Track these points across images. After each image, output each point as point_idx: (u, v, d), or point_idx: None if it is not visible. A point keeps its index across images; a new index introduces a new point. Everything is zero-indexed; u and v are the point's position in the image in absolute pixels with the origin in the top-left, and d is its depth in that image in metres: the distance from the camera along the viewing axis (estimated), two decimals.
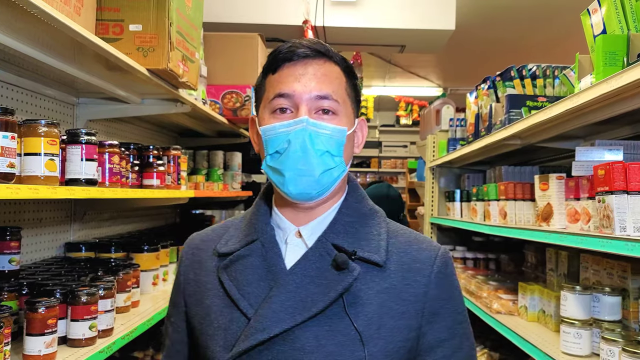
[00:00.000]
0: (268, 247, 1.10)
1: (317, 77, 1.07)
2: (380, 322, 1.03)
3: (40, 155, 1.46)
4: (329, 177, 1.07)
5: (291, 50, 1.08)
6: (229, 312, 1.07)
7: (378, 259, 1.06)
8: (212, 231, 1.22)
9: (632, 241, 1.36)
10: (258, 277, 1.07)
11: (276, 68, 1.09)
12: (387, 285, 1.06)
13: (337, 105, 1.08)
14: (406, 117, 10.38)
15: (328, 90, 1.07)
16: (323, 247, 1.08)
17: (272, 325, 1.01)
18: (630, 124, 2.10)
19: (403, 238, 1.13)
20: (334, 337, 1.01)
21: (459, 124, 3.78)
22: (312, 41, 1.11)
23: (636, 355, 1.49)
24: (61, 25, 1.48)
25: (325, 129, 1.06)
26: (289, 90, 1.06)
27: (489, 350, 3.14)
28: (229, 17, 4.16)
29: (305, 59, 1.08)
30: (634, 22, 1.56)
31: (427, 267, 1.08)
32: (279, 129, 1.06)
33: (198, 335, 1.12)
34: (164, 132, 3.72)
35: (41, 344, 1.52)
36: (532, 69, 2.57)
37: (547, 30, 5.58)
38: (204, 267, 1.15)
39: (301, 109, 1.05)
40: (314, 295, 1.03)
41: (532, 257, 2.88)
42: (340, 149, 1.08)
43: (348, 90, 1.12)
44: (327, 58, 1.10)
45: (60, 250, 2.52)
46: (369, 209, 1.16)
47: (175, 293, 1.20)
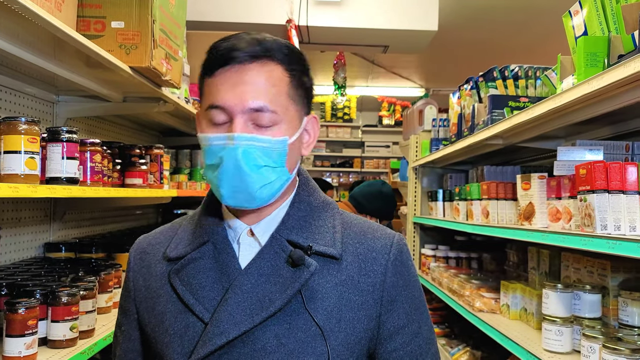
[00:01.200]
0: (220, 247, 1.06)
1: (252, 86, 0.99)
2: (340, 315, 1.02)
3: (20, 154, 1.44)
4: (269, 189, 1.02)
5: (226, 53, 0.99)
6: (183, 318, 1.03)
7: (334, 252, 1.05)
8: (160, 233, 1.17)
9: (613, 239, 1.38)
10: (212, 279, 1.04)
11: (211, 72, 1.01)
12: (344, 278, 1.05)
13: (276, 116, 1.00)
14: (389, 118, 10.42)
15: (264, 101, 0.99)
16: (277, 243, 1.05)
17: (230, 329, 0.98)
18: (610, 124, 2.14)
19: (357, 228, 1.11)
20: (295, 335, 1.00)
21: (441, 124, 3.81)
22: (252, 38, 1.02)
23: (616, 352, 1.51)
24: (42, 21, 1.45)
25: (261, 142, 0.99)
26: (222, 102, 0.99)
27: (471, 349, 3.17)
28: (212, 15, 4.13)
29: (242, 63, 0.99)
30: (615, 24, 1.58)
31: (383, 256, 1.08)
32: (212, 141, 1.00)
33: (152, 343, 1.08)
34: (147, 130, 3.69)
35: (21, 345, 1.49)
36: (514, 70, 2.59)
37: (528, 32, 5.65)
38: (153, 273, 1.10)
39: (235, 122, 0.98)
40: (271, 294, 1.00)
41: (514, 256, 2.91)
42: (282, 159, 1.02)
43: (291, 92, 1.03)
44: (266, 59, 1.01)
45: (40, 251, 2.48)
46: (322, 202, 1.13)
47: (125, 300, 1.15)
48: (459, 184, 3.78)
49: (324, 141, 10.65)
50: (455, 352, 3.21)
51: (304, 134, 1.09)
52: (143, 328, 1.11)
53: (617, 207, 1.46)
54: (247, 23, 4.12)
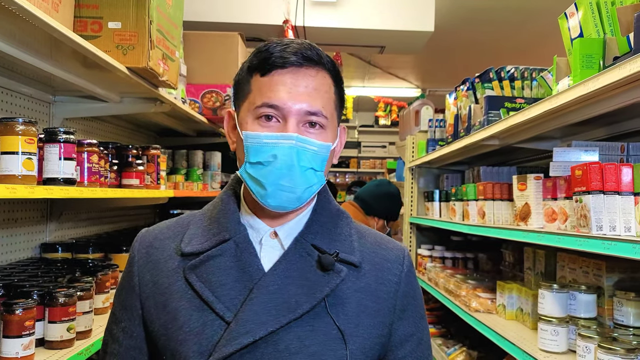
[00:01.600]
0: (242, 247, 1.06)
1: (308, 90, 1.03)
2: (359, 321, 1.05)
3: (18, 154, 1.44)
4: (310, 192, 1.05)
5: (283, 56, 1.02)
6: (200, 316, 1.02)
7: (354, 259, 1.08)
8: (166, 228, 1.14)
9: (608, 240, 1.39)
10: (233, 278, 1.04)
11: (265, 71, 1.03)
12: (362, 285, 1.08)
13: (325, 121, 1.05)
14: (385, 118, 10.43)
15: (318, 107, 1.03)
16: (303, 247, 1.07)
17: (256, 328, 0.99)
18: (605, 125, 2.15)
19: (371, 238, 1.16)
20: (317, 337, 1.01)
21: (438, 125, 3.82)
22: (303, 45, 1.05)
23: (611, 351, 1.52)
24: (39, 22, 1.45)
25: (312, 146, 1.03)
26: (278, 101, 1.01)
27: (468, 349, 3.18)
28: (208, 15, 4.13)
29: (298, 67, 1.03)
30: (610, 26, 1.59)
31: (398, 267, 1.13)
32: (264, 139, 1.01)
33: (163, 342, 1.05)
34: (143, 131, 3.68)
35: (18, 346, 1.49)
36: (511, 71, 2.61)
37: (524, 33, 5.67)
38: (163, 268, 1.08)
39: (289, 122, 1.01)
40: (298, 296, 1.02)
41: (510, 256, 2.92)
42: (324, 164, 1.06)
43: (336, 102, 1.09)
44: (319, 66, 1.05)
45: (36, 251, 2.48)
46: (337, 210, 1.17)
47: (128, 295, 1.10)
48: (455, 184, 3.79)
49: None
50: (452, 352, 3.22)
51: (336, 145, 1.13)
52: (149, 325, 1.08)
53: (612, 207, 1.47)
54: (244, 23, 4.12)
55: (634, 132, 2.07)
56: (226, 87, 3.41)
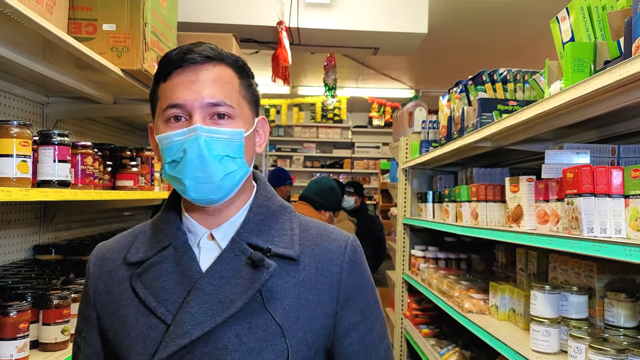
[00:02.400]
0: (181, 251, 1.10)
1: (208, 83, 1.05)
2: (299, 314, 1.07)
3: (12, 157, 1.44)
4: (231, 179, 1.07)
5: (180, 56, 1.06)
6: (146, 320, 1.06)
7: (292, 253, 1.09)
8: (119, 240, 1.20)
9: (599, 242, 1.40)
10: (174, 282, 1.07)
11: (166, 76, 1.07)
12: (302, 278, 1.09)
13: (232, 110, 1.07)
14: (378, 119, 10.45)
15: (220, 96, 1.05)
16: (238, 246, 1.09)
17: (193, 329, 1.02)
18: (596, 128, 2.17)
19: (314, 231, 1.17)
20: (255, 333, 1.04)
21: (431, 126, 3.83)
22: (203, 46, 1.09)
23: (602, 352, 1.54)
24: (35, 25, 1.45)
25: (221, 134, 1.05)
26: (180, 100, 1.04)
27: (461, 349, 3.20)
28: (203, 17, 4.13)
29: (195, 64, 1.05)
30: (601, 30, 1.61)
31: (339, 257, 1.13)
32: (173, 137, 1.04)
33: (115, 347, 1.09)
34: (135, 131, 3.68)
35: (13, 349, 1.49)
36: (503, 74, 2.63)
37: (516, 35, 5.70)
38: (114, 278, 1.13)
39: (194, 116, 1.04)
40: (232, 295, 1.04)
41: (503, 257, 2.94)
42: (241, 150, 1.07)
43: (242, 92, 1.11)
44: (217, 62, 1.08)
45: (29, 253, 2.48)
46: (279, 205, 1.18)
47: (85, 306, 1.16)
48: (448, 185, 3.81)
49: (314, 142, 10.67)
50: (445, 353, 3.24)
51: (257, 132, 1.16)
52: (104, 333, 1.13)
53: (603, 210, 1.49)
54: (238, 24, 4.13)
55: (625, 134, 2.09)
56: None
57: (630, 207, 1.43)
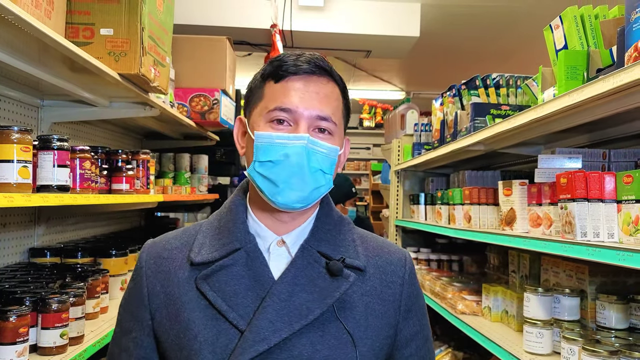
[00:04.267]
0: (253, 256, 1.09)
1: (319, 96, 1.08)
2: (367, 323, 1.10)
3: (13, 162, 1.44)
4: (317, 193, 1.09)
5: (297, 64, 1.08)
6: (214, 325, 1.04)
7: (360, 264, 1.12)
8: (173, 239, 1.16)
9: (592, 246, 1.44)
10: (245, 287, 1.06)
11: (279, 78, 1.09)
12: (368, 288, 1.12)
13: (334, 127, 1.10)
14: (369, 120, 10.49)
15: (329, 112, 1.09)
16: (309, 254, 1.10)
17: (270, 335, 1.01)
18: (588, 132, 2.21)
19: (373, 243, 1.21)
20: (328, 341, 1.05)
21: (423, 129, 3.87)
22: (315, 56, 1.11)
23: (595, 354, 1.57)
24: (35, 30, 1.46)
25: (322, 148, 1.07)
26: (291, 105, 1.06)
27: (453, 350, 3.23)
28: (197, 19, 4.13)
29: (310, 75, 1.08)
30: (594, 38, 1.65)
31: (401, 269, 1.18)
32: (275, 139, 1.06)
33: (175, 351, 1.06)
34: (130, 134, 3.67)
35: (13, 353, 1.50)
36: (496, 79, 2.66)
37: (508, 37, 5.76)
38: (173, 279, 1.09)
39: (301, 125, 1.06)
40: (308, 303, 1.05)
41: (495, 259, 2.98)
42: (332, 167, 1.10)
43: (343, 112, 1.15)
44: (329, 77, 1.11)
45: (24, 256, 2.47)
46: (339, 217, 1.21)
47: (137, 307, 1.12)
48: (440, 187, 3.85)
49: None
50: (438, 354, 3.27)
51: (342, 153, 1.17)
52: (160, 336, 1.09)
53: (596, 215, 1.53)
54: (231, 27, 4.14)
55: (615, 139, 2.14)
56: (214, 90, 3.43)
57: (623, 212, 1.46)
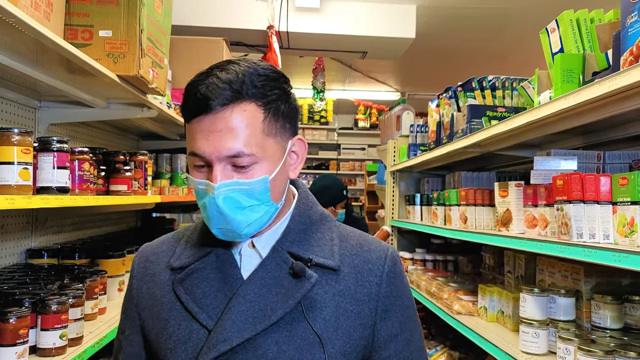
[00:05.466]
0: (223, 258, 1.12)
1: (225, 133, 1.00)
2: (337, 324, 1.08)
3: (13, 164, 1.44)
4: (256, 225, 1.07)
5: (199, 103, 1.00)
6: (187, 325, 1.08)
7: (332, 264, 1.10)
8: (163, 243, 1.22)
9: (589, 248, 1.45)
10: (215, 288, 1.09)
11: (188, 119, 1.04)
12: (342, 288, 1.10)
13: (253, 157, 1.02)
14: (364, 121, 10.52)
15: (238, 147, 1.00)
16: (279, 255, 1.10)
17: (234, 336, 1.03)
18: (582, 135, 2.23)
19: (354, 241, 1.17)
20: (294, 342, 1.05)
21: (419, 130, 3.89)
22: (222, 83, 1.00)
23: (590, 353, 1.59)
24: (36, 33, 1.46)
25: (242, 185, 1.02)
26: (198, 151, 1.02)
27: (449, 349, 3.25)
28: (193, 20, 4.14)
29: (214, 111, 0.99)
30: (589, 42, 1.67)
31: (379, 268, 1.14)
32: (197, 185, 1.05)
33: (156, 349, 1.12)
34: (126, 134, 3.67)
35: (13, 355, 1.50)
36: (492, 81, 2.68)
37: (501, 40, 5.80)
38: (157, 281, 1.15)
39: (214, 168, 1.02)
40: (273, 304, 1.05)
41: (490, 259, 3.00)
42: (266, 194, 1.05)
43: (267, 127, 1.04)
44: (235, 103, 1.00)
45: (22, 257, 2.47)
46: (320, 215, 1.19)
47: (128, 306, 1.19)
48: (435, 188, 3.87)
49: None
50: (434, 353, 3.29)
51: (289, 158, 1.11)
52: (146, 334, 1.15)
53: (592, 216, 1.55)
54: (228, 28, 4.14)
55: (610, 141, 2.16)
56: None
57: (618, 213, 1.49)
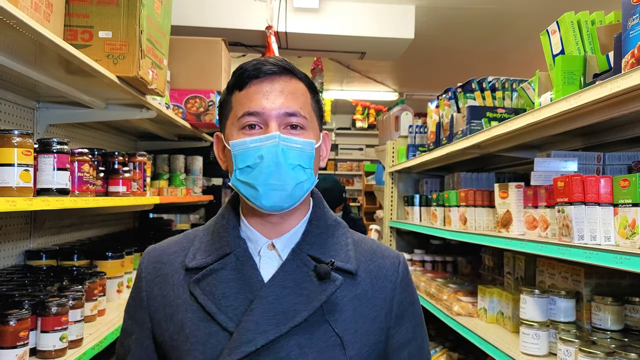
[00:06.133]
0: (242, 259, 1.11)
1: (284, 94, 1.09)
2: (356, 327, 1.09)
3: (14, 166, 1.44)
4: (300, 189, 1.09)
5: (257, 67, 1.10)
6: (205, 326, 1.06)
7: (350, 267, 1.12)
8: (173, 244, 1.21)
9: (590, 249, 1.45)
10: (235, 290, 1.08)
11: (243, 85, 1.10)
12: (359, 292, 1.12)
13: (305, 121, 1.10)
14: (362, 121, 10.52)
15: (296, 107, 1.09)
16: (299, 258, 1.11)
17: (258, 337, 1.03)
18: (582, 136, 2.24)
19: (367, 247, 1.20)
20: (316, 344, 1.05)
21: (418, 131, 3.89)
22: (277, 58, 1.13)
23: (591, 355, 1.59)
24: (36, 34, 1.45)
25: (296, 144, 1.08)
26: (257, 108, 1.07)
27: (448, 350, 3.25)
28: (192, 20, 4.13)
29: (272, 75, 1.10)
30: (590, 44, 1.67)
31: (393, 274, 1.17)
32: (249, 144, 1.07)
33: (170, 351, 1.10)
34: (124, 135, 3.66)
35: (13, 357, 1.49)
36: (492, 82, 2.69)
37: (499, 40, 5.80)
38: (170, 282, 1.13)
39: (271, 125, 1.07)
40: (296, 305, 1.06)
41: (489, 260, 3.00)
42: (311, 161, 1.11)
43: (313, 105, 1.15)
44: (292, 75, 1.13)
45: (20, 259, 2.46)
46: (334, 220, 1.21)
47: (137, 309, 1.17)
48: (434, 189, 3.87)
49: None
50: (433, 355, 3.29)
51: (322, 146, 1.19)
52: (158, 337, 1.13)
53: (593, 218, 1.55)
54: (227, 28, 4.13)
55: (609, 143, 2.16)
56: (210, 92, 3.42)
57: (619, 215, 1.49)
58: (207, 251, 1.13)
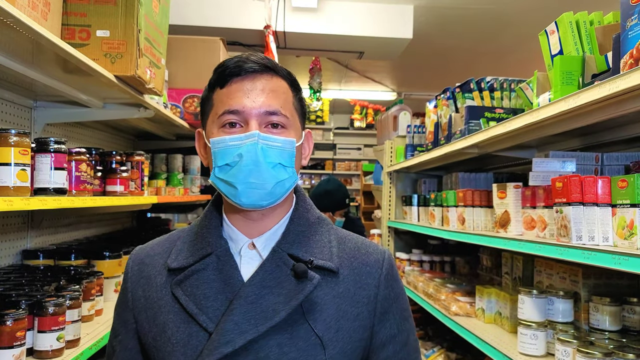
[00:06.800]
0: (223, 260, 1.10)
1: (265, 92, 1.08)
2: (338, 326, 1.08)
3: (10, 166, 1.43)
4: (281, 188, 1.09)
5: (239, 65, 1.09)
6: (186, 327, 1.06)
7: (332, 265, 1.11)
8: (157, 245, 1.21)
9: (588, 250, 1.46)
10: (215, 290, 1.08)
11: (224, 83, 1.09)
12: (341, 290, 1.11)
13: (286, 120, 1.10)
14: (360, 121, 10.52)
15: (277, 106, 1.09)
16: (279, 257, 1.10)
17: (236, 338, 1.02)
18: (580, 136, 2.24)
19: (351, 244, 1.19)
20: (296, 344, 1.05)
21: (416, 131, 3.89)
22: (259, 56, 1.12)
23: (589, 355, 1.60)
24: (34, 33, 1.45)
25: (276, 142, 1.08)
26: (238, 106, 1.07)
27: (446, 351, 3.25)
28: (190, 19, 4.12)
29: (253, 73, 1.09)
30: (589, 44, 1.67)
31: (376, 271, 1.15)
32: (229, 142, 1.06)
33: (153, 352, 1.10)
34: (122, 135, 3.66)
35: (10, 358, 1.48)
36: (490, 82, 2.68)
37: (498, 40, 5.80)
38: (153, 283, 1.14)
39: (251, 124, 1.07)
40: (275, 305, 1.05)
41: (487, 260, 3.00)
42: (292, 160, 1.10)
43: (295, 104, 1.15)
44: (273, 73, 1.12)
45: (17, 258, 2.45)
46: (317, 218, 1.19)
47: (123, 310, 1.17)
48: (432, 189, 3.87)
49: None
50: (430, 355, 3.29)
51: (304, 144, 1.18)
52: (142, 338, 1.13)
53: (591, 218, 1.55)
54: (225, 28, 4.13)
55: (607, 142, 2.16)
56: None
57: (618, 216, 1.49)
58: (189, 252, 1.13)
